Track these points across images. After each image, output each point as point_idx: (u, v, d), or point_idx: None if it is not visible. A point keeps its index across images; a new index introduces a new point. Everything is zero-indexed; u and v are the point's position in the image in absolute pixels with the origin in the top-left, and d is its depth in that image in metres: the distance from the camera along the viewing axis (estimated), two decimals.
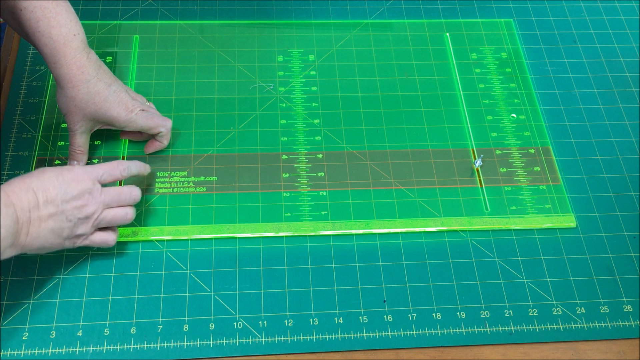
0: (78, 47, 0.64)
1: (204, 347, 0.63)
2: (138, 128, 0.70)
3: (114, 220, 0.63)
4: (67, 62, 0.64)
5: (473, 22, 0.89)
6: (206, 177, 0.73)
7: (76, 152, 0.70)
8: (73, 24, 0.64)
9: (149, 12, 0.87)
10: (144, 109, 0.70)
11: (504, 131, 0.79)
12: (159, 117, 0.72)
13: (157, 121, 0.71)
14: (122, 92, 0.69)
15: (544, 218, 0.72)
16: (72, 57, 0.64)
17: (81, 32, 0.65)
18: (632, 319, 0.67)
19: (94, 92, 0.66)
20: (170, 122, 0.73)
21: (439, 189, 0.74)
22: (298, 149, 0.76)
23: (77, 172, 0.60)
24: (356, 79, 0.82)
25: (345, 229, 0.71)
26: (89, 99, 0.66)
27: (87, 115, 0.67)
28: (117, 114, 0.68)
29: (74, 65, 0.64)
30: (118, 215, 0.63)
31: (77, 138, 0.69)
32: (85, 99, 0.66)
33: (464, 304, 0.67)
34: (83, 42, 0.65)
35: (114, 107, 0.67)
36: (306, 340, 0.64)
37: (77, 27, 0.65)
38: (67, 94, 0.66)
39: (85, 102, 0.66)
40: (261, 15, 0.88)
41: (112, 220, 0.63)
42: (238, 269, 0.67)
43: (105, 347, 0.62)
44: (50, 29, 0.63)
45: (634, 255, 0.71)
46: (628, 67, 0.86)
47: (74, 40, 0.64)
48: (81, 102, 0.66)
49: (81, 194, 0.59)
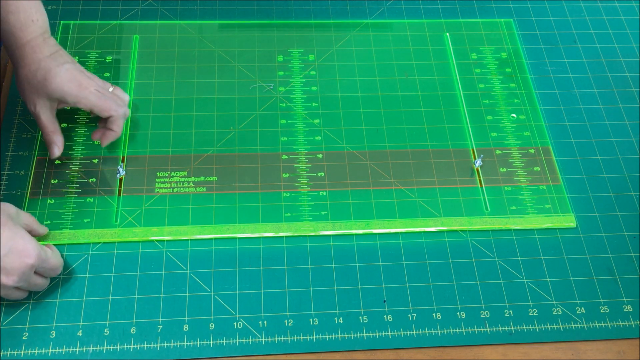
0: (35, 31, 0.68)
1: (204, 347, 0.63)
2: (90, 106, 0.70)
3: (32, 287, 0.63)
4: (23, 44, 0.67)
5: (473, 22, 0.89)
6: (206, 177, 0.73)
7: (48, 134, 0.71)
8: (34, 10, 0.67)
9: (149, 12, 0.87)
10: (98, 90, 0.70)
11: (504, 131, 0.79)
12: (114, 101, 0.72)
13: (109, 103, 0.71)
14: (76, 70, 0.70)
15: (544, 218, 0.72)
16: (28, 40, 0.67)
17: (42, 19, 0.68)
18: (632, 319, 0.67)
19: (45, 69, 0.67)
20: (124, 109, 0.72)
21: (439, 189, 0.74)
22: (298, 149, 0.76)
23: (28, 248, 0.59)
24: (356, 79, 0.82)
25: (345, 229, 0.71)
26: (41, 76, 0.67)
27: (41, 94, 0.68)
28: (68, 89, 0.68)
29: (28, 46, 0.67)
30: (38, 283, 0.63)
31: (41, 119, 0.70)
32: (37, 76, 0.67)
33: (464, 304, 0.67)
34: (42, 28, 0.68)
35: (66, 83, 0.68)
36: (306, 340, 0.64)
37: (38, 13, 0.68)
38: (21, 74, 0.68)
39: (37, 80, 0.67)
40: (261, 15, 0.88)
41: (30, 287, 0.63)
42: (238, 269, 0.67)
43: (105, 347, 0.62)
44: (7, 14, 0.66)
45: (634, 255, 0.71)
46: (628, 67, 0.86)
47: (32, 26, 0.67)
48: (34, 80, 0.67)
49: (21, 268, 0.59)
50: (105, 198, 0.71)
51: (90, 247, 0.68)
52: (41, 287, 0.63)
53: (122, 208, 0.70)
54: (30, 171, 0.72)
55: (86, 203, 0.70)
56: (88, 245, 0.68)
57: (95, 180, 0.72)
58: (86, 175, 0.72)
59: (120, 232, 0.69)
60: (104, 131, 0.73)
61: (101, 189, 0.72)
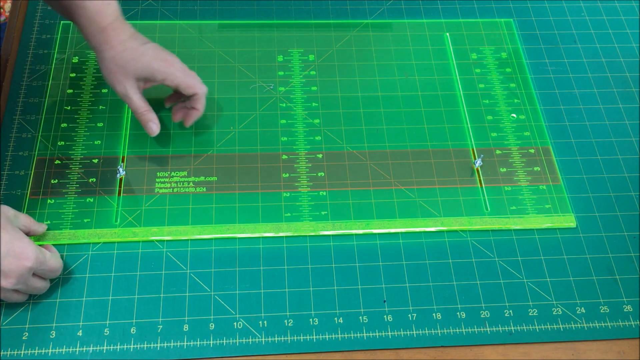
0: (112, 14, 0.68)
1: (204, 347, 0.63)
2: (177, 82, 0.71)
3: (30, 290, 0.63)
4: (104, 28, 0.68)
5: (473, 22, 0.89)
6: (206, 177, 0.73)
7: (143, 114, 0.71)
8: None
9: (149, 12, 0.87)
10: (183, 68, 0.71)
11: (504, 131, 0.79)
12: (197, 78, 0.73)
13: (195, 81, 0.72)
14: (159, 48, 0.71)
15: (544, 218, 0.72)
16: (107, 22, 0.68)
17: (114, 1, 0.69)
18: (632, 319, 0.67)
19: (131, 49, 0.68)
20: (207, 88, 0.73)
21: (439, 189, 0.74)
22: (298, 149, 0.76)
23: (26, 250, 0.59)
24: (356, 79, 0.82)
25: (345, 229, 0.71)
26: (128, 55, 0.68)
27: (129, 73, 0.69)
28: (157, 66, 0.69)
29: (110, 29, 0.68)
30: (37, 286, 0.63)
31: (133, 99, 0.70)
32: (124, 56, 0.68)
33: (464, 304, 0.67)
34: (117, 10, 0.69)
35: (153, 61, 0.69)
36: (306, 340, 0.64)
37: None
38: (107, 56, 0.68)
39: (124, 60, 0.68)
40: (261, 15, 0.88)
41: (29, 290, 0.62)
42: (238, 269, 0.67)
43: (105, 347, 0.62)
44: (84, 1, 0.67)
45: (634, 255, 0.71)
46: (628, 67, 0.86)
47: (109, 9, 0.68)
48: (121, 60, 0.68)
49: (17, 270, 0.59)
50: (105, 198, 0.71)
51: (90, 247, 0.68)
52: (41, 291, 0.63)
53: (122, 208, 0.70)
54: (30, 171, 0.72)
55: (86, 203, 0.70)
56: (88, 245, 0.68)
57: (95, 180, 0.72)
58: (86, 175, 0.72)
59: (120, 232, 0.69)
60: (187, 111, 0.74)
61: (101, 189, 0.72)
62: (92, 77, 0.80)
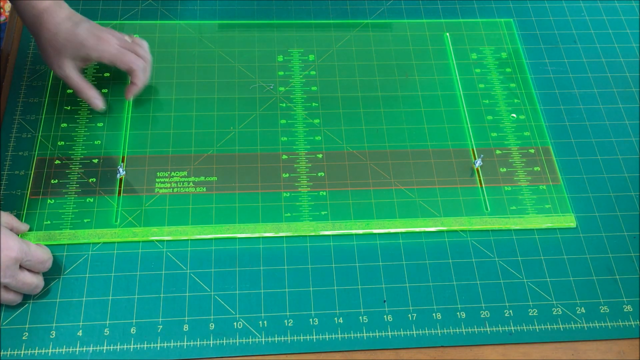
0: (52, 3, 0.71)
1: (204, 347, 0.63)
2: (111, 58, 0.73)
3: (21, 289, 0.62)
4: (40, 12, 0.71)
5: (473, 22, 0.89)
6: (206, 177, 0.73)
7: (83, 92, 0.74)
8: None
9: (149, 12, 0.87)
10: (119, 44, 0.74)
11: (504, 131, 0.79)
12: (134, 54, 0.75)
13: (129, 56, 0.74)
14: (94, 26, 0.73)
15: (544, 218, 0.72)
16: (45, 7, 0.71)
17: None
18: (632, 319, 0.67)
19: (65, 30, 0.71)
20: (143, 62, 0.75)
21: (439, 189, 0.74)
22: (298, 149, 0.76)
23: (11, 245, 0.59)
24: (356, 79, 0.82)
25: (345, 229, 0.71)
26: (62, 36, 0.71)
27: (66, 54, 0.72)
28: (90, 44, 0.72)
29: (46, 13, 0.71)
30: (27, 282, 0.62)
31: (72, 79, 0.73)
32: (58, 38, 0.71)
33: (464, 304, 0.67)
34: (58, 2, 0.72)
35: (87, 39, 0.72)
36: (306, 340, 0.64)
37: None
38: (44, 40, 0.71)
39: (59, 42, 0.71)
40: (261, 15, 0.88)
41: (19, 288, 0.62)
42: (238, 269, 0.67)
43: (105, 347, 0.62)
44: None
45: (634, 255, 0.71)
46: (628, 67, 0.86)
47: None
48: (56, 43, 0.71)
49: None
50: (105, 198, 0.71)
51: (90, 247, 0.68)
52: (34, 288, 0.63)
53: (122, 208, 0.70)
54: (30, 171, 0.72)
55: (86, 203, 0.70)
56: (88, 245, 0.68)
57: (95, 180, 0.72)
58: (86, 175, 0.72)
59: (120, 232, 0.69)
60: (128, 86, 0.76)
61: (101, 189, 0.72)
62: (91, 77, 0.80)
